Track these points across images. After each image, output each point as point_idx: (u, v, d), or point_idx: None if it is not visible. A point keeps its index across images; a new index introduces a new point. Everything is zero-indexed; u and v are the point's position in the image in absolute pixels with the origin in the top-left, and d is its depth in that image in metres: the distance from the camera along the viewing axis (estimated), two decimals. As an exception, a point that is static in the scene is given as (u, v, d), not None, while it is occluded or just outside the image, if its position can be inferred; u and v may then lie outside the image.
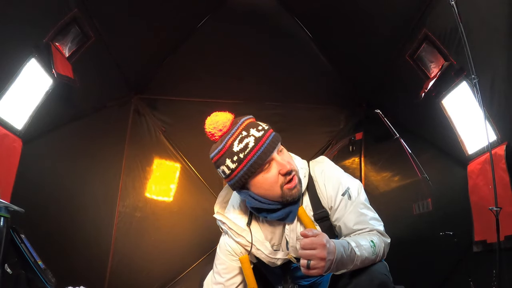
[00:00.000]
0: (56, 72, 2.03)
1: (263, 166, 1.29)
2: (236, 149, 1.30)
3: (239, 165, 1.29)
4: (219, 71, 3.32)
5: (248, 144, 1.29)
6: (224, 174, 1.35)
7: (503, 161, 1.68)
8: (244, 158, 1.28)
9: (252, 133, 1.31)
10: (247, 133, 1.31)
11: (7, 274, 1.57)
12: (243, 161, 1.29)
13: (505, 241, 1.64)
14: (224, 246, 1.49)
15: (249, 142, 1.29)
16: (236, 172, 1.31)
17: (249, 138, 1.30)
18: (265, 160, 1.28)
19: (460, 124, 2.10)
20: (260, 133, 1.32)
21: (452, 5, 1.60)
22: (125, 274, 3.17)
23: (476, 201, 1.93)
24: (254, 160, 1.28)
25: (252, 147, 1.28)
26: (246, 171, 1.29)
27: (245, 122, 1.36)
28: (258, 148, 1.28)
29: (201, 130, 4.10)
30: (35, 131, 2.13)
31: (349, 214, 1.35)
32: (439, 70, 2.10)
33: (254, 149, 1.28)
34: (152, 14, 2.69)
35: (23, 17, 1.79)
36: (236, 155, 1.30)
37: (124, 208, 3.32)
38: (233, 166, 1.31)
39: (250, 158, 1.28)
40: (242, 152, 1.29)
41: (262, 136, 1.31)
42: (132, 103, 3.47)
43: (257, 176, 1.30)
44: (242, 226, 1.44)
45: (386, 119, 1.95)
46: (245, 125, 1.35)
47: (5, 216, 1.55)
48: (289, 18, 3.16)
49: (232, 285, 1.45)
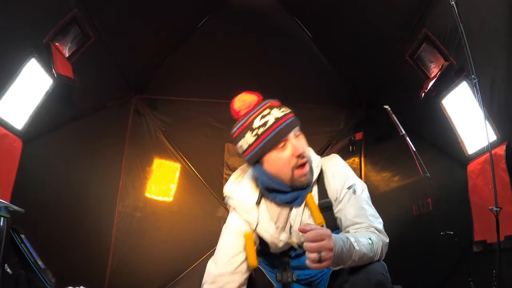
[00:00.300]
0: (56, 72, 2.03)
1: (278, 144, 1.36)
2: (256, 125, 1.38)
3: (256, 140, 1.38)
4: (219, 71, 3.32)
5: (267, 121, 1.37)
6: (242, 149, 1.43)
7: (503, 161, 1.68)
8: (262, 134, 1.36)
9: (273, 113, 1.39)
10: (268, 112, 1.39)
11: (7, 274, 1.57)
12: (260, 137, 1.37)
13: (505, 241, 1.64)
14: (231, 222, 1.52)
15: (268, 120, 1.37)
16: (253, 146, 1.39)
17: (269, 116, 1.38)
18: (281, 138, 1.35)
19: (460, 124, 2.10)
20: (281, 114, 1.39)
21: (452, 5, 1.60)
22: (125, 274, 3.17)
23: (476, 201, 1.93)
24: (271, 137, 1.35)
25: (271, 124, 1.36)
26: (262, 146, 1.37)
27: (269, 103, 1.44)
28: (276, 126, 1.36)
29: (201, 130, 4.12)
30: (35, 131, 2.13)
31: (350, 207, 1.40)
32: (439, 70, 2.10)
33: (273, 126, 1.36)
34: (152, 14, 2.69)
35: (23, 17, 1.79)
36: (255, 131, 1.38)
37: (124, 208, 3.32)
38: (251, 141, 1.39)
39: (267, 134, 1.36)
40: (261, 128, 1.37)
41: (282, 117, 1.38)
42: (132, 103, 3.47)
43: (272, 153, 1.37)
44: (250, 204, 1.49)
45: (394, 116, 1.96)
46: (269, 105, 1.42)
47: (5, 216, 1.55)
48: (289, 18, 3.15)
49: (235, 262, 1.46)
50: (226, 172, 3.47)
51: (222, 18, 3.11)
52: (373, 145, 3.34)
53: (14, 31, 1.78)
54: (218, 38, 3.19)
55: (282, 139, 1.35)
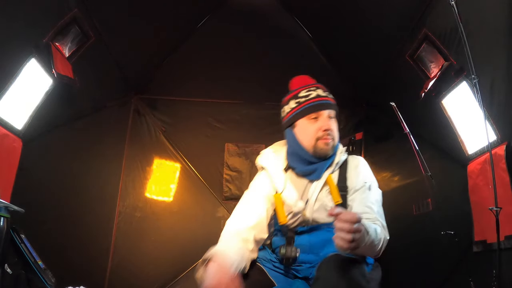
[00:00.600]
0: (56, 72, 2.03)
1: (312, 114, 1.59)
2: (301, 95, 1.64)
3: (297, 106, 1.63)
4: (219, 71, 3.32)
5: (310, 94, 1.62)
6: (284, 113, 1.71)
7: (503, 161, 1.68)
8: (302, 103, 1.62)
9: (318, 91, 1.64)
10: (314, 89, 1.64)
11: (7, 274, 1.57)
12: (300, 104, 1.62)
13: (505, 241, 1.64)
14: (257, 184, 1.72)
15: (311, 94, 1.62)
16: (292, 111, 1.65)
17: (314, 92, 1.63)
18: (315, 110, 1.59)
19: (460, 124, 2.10)
20: (323, 94, 1.65)
21: (452, 5, 1.60)
22: (125, 274, 3.17)
23: (476, 201, 1.93)
24: (308, 106, 1.60)
25: (312, 97, 1.61)
26: (299, 113, 1.61)
27: (318, 84, 1.69)
28: (315, 100, 1.60)
29: (201, 130, 4.13)
30: (35, 131, 2.13)
31: (363, 199, 1.53)
32: (439, 70, 2.10)
33: (313, 99, 1.61)
34: (152, 14, 2.69)
35: (23, 17, 1.79)
36: (298, 99, 1.64)
37: (124, 208, 3.32)
38: (293, 106, 1.65)
39: (306, 104, 1.61)
40: (304, 98, 1.63)
41: (323, 96, 1.63)
42: (132, 103, 3.47)
43: (304, 120, 1.61)
44: (280, 167, 1.69)
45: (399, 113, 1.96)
46: (317, 86, 1.67)
47: (5, 216, 1.55)
48: (289, 18, 3.15)
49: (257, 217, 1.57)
50: (226, 172, 3.47)
51: (222, 18, 3.11)
52: (373, 145, 3.34)
53: (14, 31, 1.78)
54: (218, 38, 3.19)
55: (316, 111, 1.58)
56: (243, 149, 3.50)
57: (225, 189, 3.45)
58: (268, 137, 3.47)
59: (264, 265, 1.59)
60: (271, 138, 3.43)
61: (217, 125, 3.52)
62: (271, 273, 1.58)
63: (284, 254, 1.53)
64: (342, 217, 1.13)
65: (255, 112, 3.51)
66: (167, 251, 3.30)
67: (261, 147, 3.47)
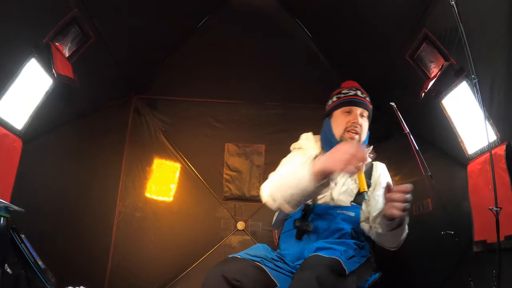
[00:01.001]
0: (56, 72, 2.03)
1: (346, 108, 1.87)
2: (342, 92, 1.93)
3: (337, 100, 1.92)
4: (219, 71, 3.32)
5: (349, 93, 1.91)
6: (327, 105, 1.98)
7: (503, 161, 1.68)
8: (341, 98, 1.91)
9: (357, 92, 1.91)
10: (355, 90, 1.91)
11: (7, 274, 1.57)
12: (339, 99, 1.91)
13: (505, 241, 1.64)
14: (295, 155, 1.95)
15: (351, 92, 1.91)
16: (332, 104, 1.94)
17: (353, 92, 1.91)
18: (350, 105, 1.87)
19: (460, 124, 2.10)
20: (361, 95, 1.91)
21: (452, 5, 1.60)
22: (125, 274, 3.17)
23: (476, 201, 1.93)
24: (344, 101, 1.89)
25: (350, 95, 1.90)
26: (336, 105, 1.91)
27: (362, 89, 1.95)
28: (352, 97, 1.89)
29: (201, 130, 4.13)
30: (35, 131, 2.13)
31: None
32: (439, 70, 2.10)
33: (351, 96, 1.89)
34: (152, 14, 2.69)
35: (23, 17, 1.79)
36: (339, 95, 1.93)
37: (124, 208, 3.32)
38: (334, 99, 1.94)
39: (344, 99, 1.90)
40: (343, 94, 1.92)
41: (361, 96, 1.90)
42: (132, 103, 3.47)
43: (338, 112, 1.89)
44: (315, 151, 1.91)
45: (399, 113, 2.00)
46: (359, 89, 1.94)
47: (5, 216, 1.56)
48: (289, 18, 3.15)
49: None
50: (226, 172, 3.47)
51: (222, 18, 3.11)
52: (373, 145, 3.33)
53: (14, 31, 1.78)
54: (218, 38, 3.19)
55: (350, 106, 1.86)
56: (243, 149, 3.50)
57: (225, 189, 3.45)
58: (268, 137, 3.49)
59: (265, 265, 1.60)
60: (271, 138, 3.50)
61: (217, 125, 3.52)
62: (273, 273, 1.59)
63: (298, 226, 1.75)
64: (397, 188, 1.41)
65: (255, 112, 3.51)
66: (167, 251, 3.30)
67: (261, 147, 3.48)
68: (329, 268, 1.37)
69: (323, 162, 1.42)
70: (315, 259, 1.48)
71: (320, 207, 1.81)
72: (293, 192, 1.51)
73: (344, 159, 1.37)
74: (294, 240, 1.79)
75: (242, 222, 3.37)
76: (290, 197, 1.52)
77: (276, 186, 1.60)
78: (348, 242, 1.74)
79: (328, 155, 1.43)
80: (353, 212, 1.83)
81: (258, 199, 3.40)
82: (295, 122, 3.43)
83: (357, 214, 1.84)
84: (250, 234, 3.37)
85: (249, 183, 3.44)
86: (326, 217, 1.80)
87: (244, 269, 1.50)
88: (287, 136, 3.41)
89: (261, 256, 1.63)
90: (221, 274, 1.44)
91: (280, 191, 1.56)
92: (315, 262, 1.44)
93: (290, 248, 1.80)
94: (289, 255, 1.79)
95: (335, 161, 1.39)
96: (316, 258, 1.49)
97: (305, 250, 1.74)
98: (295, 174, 1.52)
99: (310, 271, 1.34)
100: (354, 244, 1.76)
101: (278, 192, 1.57)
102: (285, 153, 2.22)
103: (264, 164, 3.45)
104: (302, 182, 1.47)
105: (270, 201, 1.60)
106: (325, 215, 1.80)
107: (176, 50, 3.26)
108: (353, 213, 1.82)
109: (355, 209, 1.84)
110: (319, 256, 1.51)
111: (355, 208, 1.84)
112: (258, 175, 3.45)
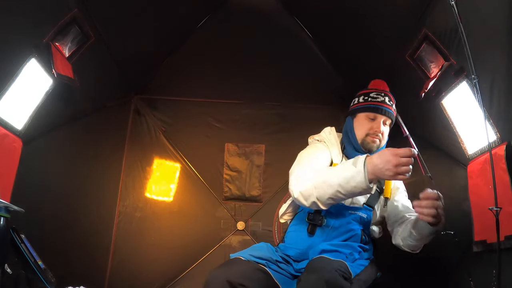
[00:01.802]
0: (56, 72, 2.03)
1: (371, 114, 1.89)
2: (371, 95, 1.93)
3: (363, 102, 1.93)
4: (219, 71, 3.32)
5: (378, 98, 1.91)
6: (353, 103, 1.99)
7: (503, 161, 1.67)
8: (368, 101, 1.92)
9: (385, 99, 1.91)
10: (383, 96, 1.92)
11: (7, 274, 1.57)
12: (367, 102, 1.92)
13: (505, 241, 1.63)
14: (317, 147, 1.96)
15: (379, 98, 1.91)
16: (359, 104, 1.94)
17: (382, 98, 1.91)
18: (376, 111, 1.88)
19: (460, 124, 2.10)
20: (389, 103, 1.92)
21: (452, 5, 1.60)
22: (125, 274, 3.17)
23: (476, 201, 1.93)
24: (371, 106, 1.89)
25: (378, 101, 1.90)
26: (362, 108, 1.91)
27: (390, 94, 1.96)
28: (380, 104, 1.89)
29: (201, 130, 4.13)
30: (35, 131, 2.13)
31: (406, 201, 1.93)
32: (439, 70, 2.10)
33: (378, 103, 1.90)
34: (152, 14, 2.69)
35: (23, 17, 1.79)
36: (367, 97, 1.93)
37: (124, 208, 3.32)
38: (360, 100, 1.94)
39: (371, 104, 1.90)
40: (371, 98, 1.92)
41: (388, 104, 1.91)
42: (132, 103, 3.47)
43: (363, 115, 1.91)
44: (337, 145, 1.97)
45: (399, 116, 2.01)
46: (388, 94, 1.95)
47: (5, 216, 1.56)
48: (289, 18, 3.15)
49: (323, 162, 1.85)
50: (226, 172, 3.47)
51: (222, 18, 3.11)
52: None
53: (14, 31, 1.78)
54: (218, 38, 3.19)
55: (376, 113, 1.88)
56: (243, 149, 3.50)
57: (225, 189, 3.45)
58: (268, 137, 3.50)
59: (269, 267, 1.60)
60: (271, 138, 3.50)
61: (217, 125, 3.52)
62: (277, 276, 1.59)
63: (312, 220, 1.78)
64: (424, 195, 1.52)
65: (255, 112, 3.51)
66: (167, 251, 3.30)
67: (261, 147, 3.48)
68: (337, 272, 1.36)
69: (376, 166, 1.47)
70: (321, 262, 1.47)
71: (334, 205, 1.79)
72: (336, 191, 1.53)
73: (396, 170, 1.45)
74: (303, 235, 1.80)
75: (242, 222, 3.37)
76: (331, 195, 1.55)
77: (313, 183, 1.59)
78: (353, 245, 1.74)
79: (381, 160, 1.47)
80: (365, 214, 1.84)
81: (258, 199, 3.42)
82: (295, 122, 3.43)
83: (369, 216, 1.84)
84: (250, 234, 3.37)
85: (249, 183, 3.44)
86: (338, 216, 1.81)
87: (248, 273, 1.49)
88: (287, 136, 3.43)
89: (265, 258, 1.63)
90: (226, 278, 1.42)
91: (318, 188, 1.57)
92: (322, 265, 1.43)
93: (296, 244, 1.80)
94: (294, 250, 1.79)
95: (388, 169, 1.45)
96: (322, 261, 1.48)
97: (310, 249, 1.73)
98: (343, 173, 1.53)
99: (317, 274, 1.34)
100: (359, 247, 1.76)
101: (315, 189, 1.57)
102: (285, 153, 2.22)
103: (264, 164, 3.45)
104: (350, 182, 1.50)
105: (302, 198, 1.62)
106: (337, 213, 1.81)
107: (176, 50, 3.26)
108: (365, 215, 1.83)
109: (367, 211, 1.84)
110: (325, 258, 1.51)
111: (367, 210, 1.84)
112: (258, 175, 3.45)
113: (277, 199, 3.20)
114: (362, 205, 1.86)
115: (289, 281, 1.65)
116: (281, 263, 1.70)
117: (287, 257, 1.78)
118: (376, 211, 1.89)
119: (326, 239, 1.77)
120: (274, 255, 1.72)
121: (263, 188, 3.43)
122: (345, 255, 1.65)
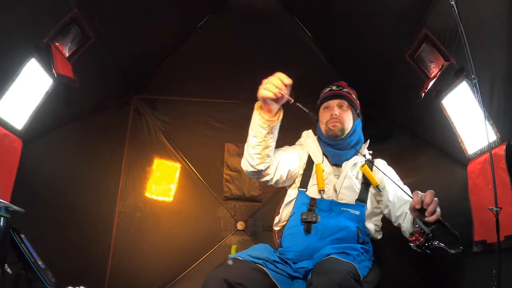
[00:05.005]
0: (56, 72, 2.03)
1: (324, 104, 2.07)
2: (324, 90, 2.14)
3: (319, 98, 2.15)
4: (219, 71, 3.32)
5: (325, 91, 2.14)
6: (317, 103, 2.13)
7: (503, 161, 1.67)
8: (320, 98, 2.15)
9: (332, 87, 2.12)
10: (330, 87, 2.14)
11: (7, 274, 1.57)
12: (319, 100, 2.15)
13: (505, 241, 1.63)
14: (295, 148, 2.11)
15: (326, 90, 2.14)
16: (318, 101, 2.15)
17: (328, 88, 2.13)
18: (326, 101, 2.07)
19: (460, 124, 2.10)
20: (337, 89, 2.10)
21: (452, 5, 1.60)
22: (125, 274, 3.17)
23: (476, 201, 1.93)
24: (321, 100, 2.12)
25: (325, 92, 2.13)
26: (318, 106, 2.13)
27: (339, 83, 2.17)
28: (326, 94, 2.10)
29: (201, 130, 4.13)
30: (35, 131, 2.13)
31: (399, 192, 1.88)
32: (439, 70, 2.10)
33: (325, 93, 2.12)
34: (152, 14, 2.69)
35: (23, 17, 1.79)
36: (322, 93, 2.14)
37: (124, 208, 3.31)
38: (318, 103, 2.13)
39: (321, 98, 2.13)
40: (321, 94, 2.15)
41: (335, 90, 2.10)
42: (132, 103, 3.47)
43: (321, 110, 2.08)
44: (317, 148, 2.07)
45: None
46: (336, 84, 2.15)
47: (5, 216, 1.55)
48: (289, 18, 3.15)
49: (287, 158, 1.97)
50: (226, 172, 3.47)
51: (222, 18, 3.11)
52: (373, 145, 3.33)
53: (14, 31, 1.78)
54: (218, 38, 3.19)
55: (327, 101, 2.05)
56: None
57: (225, 189, 3.45)
58: (268, 137, 3.49)
59: (267, 267, 1.60)
60: (271, 138, 3.48)
61: (217, 125, 3.52)
62: (274, 275, 1.59)
63: (306, 218, 1.79)
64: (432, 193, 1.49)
65: (255, 112, 3.51)
66: (167, 251, 3.29)
67: (261, 147, 3.47)
68: (349, 274, 1.36)
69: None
70: (331, 263, 1.46)
71: (325, 202, 1.83)
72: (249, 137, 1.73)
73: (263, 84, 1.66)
74: (300, 236, 1.79)
75: (242, 222, 3.37)
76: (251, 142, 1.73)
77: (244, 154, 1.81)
78: (356, 247, 1.73)
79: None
80: (358, 211, 1.83)
81: (258, 199, 3.42)
82: (295, 121, 3.42)
83: (362, 212, 1.84)
84: (250, 234, 3.37)
85: (249, 183, 3.44)
86: (331, 213, 1.82)
87: (246, 272, 1.50)
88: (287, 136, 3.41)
89: (263, 258, 1.63)
90: (223, 278, 1.43)
91: (244, 151, 1.80)
92: (332, 266, 1.42)
93: (295, 246, 1.79)
94: (293, 252, 1.78)
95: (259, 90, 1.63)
96: (331, 262, 1.47)
97: (311, 248, 1.72)
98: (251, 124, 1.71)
99: (329, 276, 1.33)
100: (361, 248, 1.76)
101: (245, 150, 1.78)
102: (285, 153, 2.21)
103: (264, 164, 3.44)
104: (254, 122, 1.74)
105: (243, 164, 1.82)
106: (330, 211, 1.81)
107: (176, 50, 3.26)
108: (358, 212, 1.83)
109: (360, 207, 1.84)
110: (334, 259, 1.50)
111: (359, 207, 1.84)
112: (258, 175, 3.45)
113: (277, 199, 3.18)
114: (354, 201, 1.86)
115: (287, 281, 1.64)
116: (278, 263, 1.70)
117: (285, 258, 1.78)
118: (369, 204, 1.90)
119: (322, 236, 1.76)
120: (271, 255, 1.72)
121: (263, 188, 3.43)
122: (352, 256, 1.64)
